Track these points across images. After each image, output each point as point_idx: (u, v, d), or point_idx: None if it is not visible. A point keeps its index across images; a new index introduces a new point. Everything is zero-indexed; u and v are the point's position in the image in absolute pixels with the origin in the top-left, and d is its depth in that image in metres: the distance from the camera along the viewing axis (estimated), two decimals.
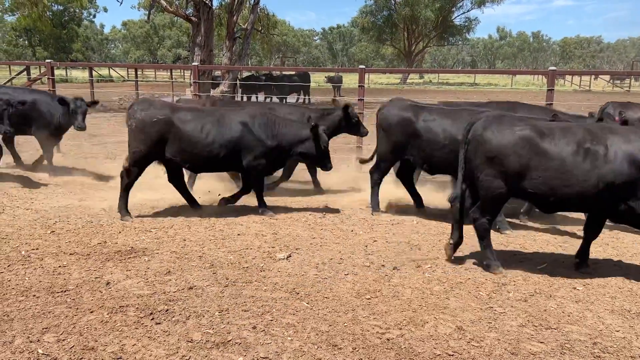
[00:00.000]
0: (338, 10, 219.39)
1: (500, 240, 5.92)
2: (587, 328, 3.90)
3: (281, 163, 7.02)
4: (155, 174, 7.38)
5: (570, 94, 33.11)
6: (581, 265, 5.04)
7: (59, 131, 9.00)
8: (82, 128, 8.65)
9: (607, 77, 43.71)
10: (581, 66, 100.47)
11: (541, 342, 3.67)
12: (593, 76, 43.23)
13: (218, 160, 6.49)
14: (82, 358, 3.33)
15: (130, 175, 6.49)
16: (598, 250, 5.66)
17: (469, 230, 5.27)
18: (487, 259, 4.98)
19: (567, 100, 23.03)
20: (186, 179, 7.37)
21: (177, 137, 6.34)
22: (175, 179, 6.89)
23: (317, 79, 42.21)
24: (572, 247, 5.73)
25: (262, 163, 6.59)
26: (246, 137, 6.48)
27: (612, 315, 4.12)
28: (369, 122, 8.31)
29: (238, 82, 21.80)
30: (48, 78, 10.71)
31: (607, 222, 5.12)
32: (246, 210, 6.92)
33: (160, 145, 6.37)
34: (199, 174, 7.70)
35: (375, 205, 7.03)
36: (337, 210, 7.07)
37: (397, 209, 7.24)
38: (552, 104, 9.10)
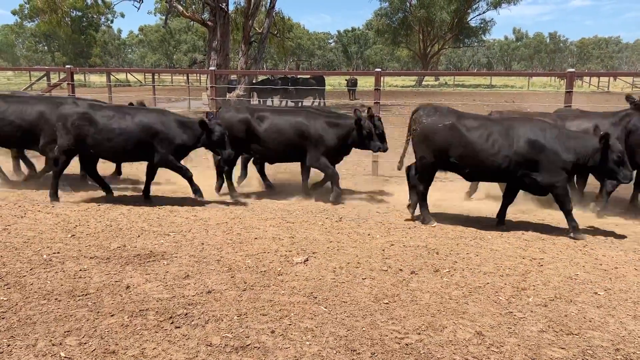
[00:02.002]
0: (353, 13, 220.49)
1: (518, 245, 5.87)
2: (609, 334, 3.84)
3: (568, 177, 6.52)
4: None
5: (588, 95, 32.67)
6: None
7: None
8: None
9: (626, 78, 42.95)
10: (599, 67, 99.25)
11: (562, 348, 3.62)
12: (612, 77, 42.56)
13: (500, 170, 6.29)
14: None
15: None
16: (619, 254, 5.58)
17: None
18: None
19: (586, 102, 22.71)
20: None
21: (460, 144, 6.35)
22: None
23: (332, 81, 42.30)
24: (592, 250, 5.67)
25: (561, 179, 6.15)
26: (538, 150, 6.11)
27: (635, 321, 4.05)
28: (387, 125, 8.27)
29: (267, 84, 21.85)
30: (68, 83, 10.89)
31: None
32: (264, 214, 6.96)
33: (443, 150, 6.44)
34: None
35: None
36: (353, 215, 7.06)
37: None
38: (570, 106, 9.00)
